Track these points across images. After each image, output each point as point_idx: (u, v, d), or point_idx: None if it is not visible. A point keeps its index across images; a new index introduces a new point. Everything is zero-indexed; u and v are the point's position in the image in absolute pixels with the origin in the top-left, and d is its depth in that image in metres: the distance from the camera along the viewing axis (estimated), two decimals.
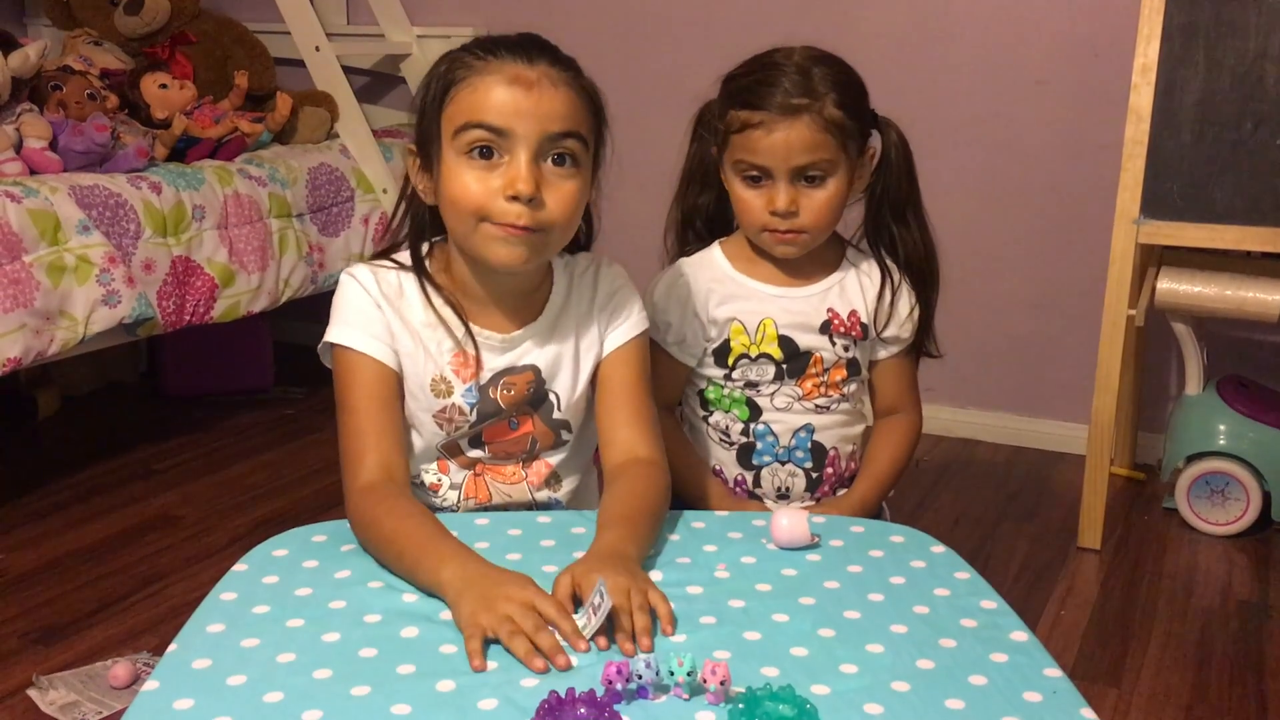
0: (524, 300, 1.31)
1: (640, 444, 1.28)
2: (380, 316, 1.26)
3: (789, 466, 1.50)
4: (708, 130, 1.49)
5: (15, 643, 1.89)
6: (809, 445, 1.49)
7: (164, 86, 2.75)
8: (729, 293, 1.48)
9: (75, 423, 2.95)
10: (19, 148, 2.38)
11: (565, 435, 1.36)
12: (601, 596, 0.97)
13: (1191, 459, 2.38)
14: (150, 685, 0.92)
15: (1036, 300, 2.78)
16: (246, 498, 2.49)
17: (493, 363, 1.30)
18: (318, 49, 2.94)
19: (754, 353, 1.47)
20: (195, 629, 1.01)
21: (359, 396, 1.24)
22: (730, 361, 1.48)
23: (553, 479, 1.37)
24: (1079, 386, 2.59)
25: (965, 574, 1.15)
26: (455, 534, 1.13)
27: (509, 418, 1.32)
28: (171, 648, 0.98)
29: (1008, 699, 0.92)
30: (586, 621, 0.98)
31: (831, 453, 1.51)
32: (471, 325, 1.28)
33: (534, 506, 1.36)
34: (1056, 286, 2.75)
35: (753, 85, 1.41)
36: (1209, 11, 2.10)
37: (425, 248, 1.32)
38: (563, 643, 0.97)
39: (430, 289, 1.28)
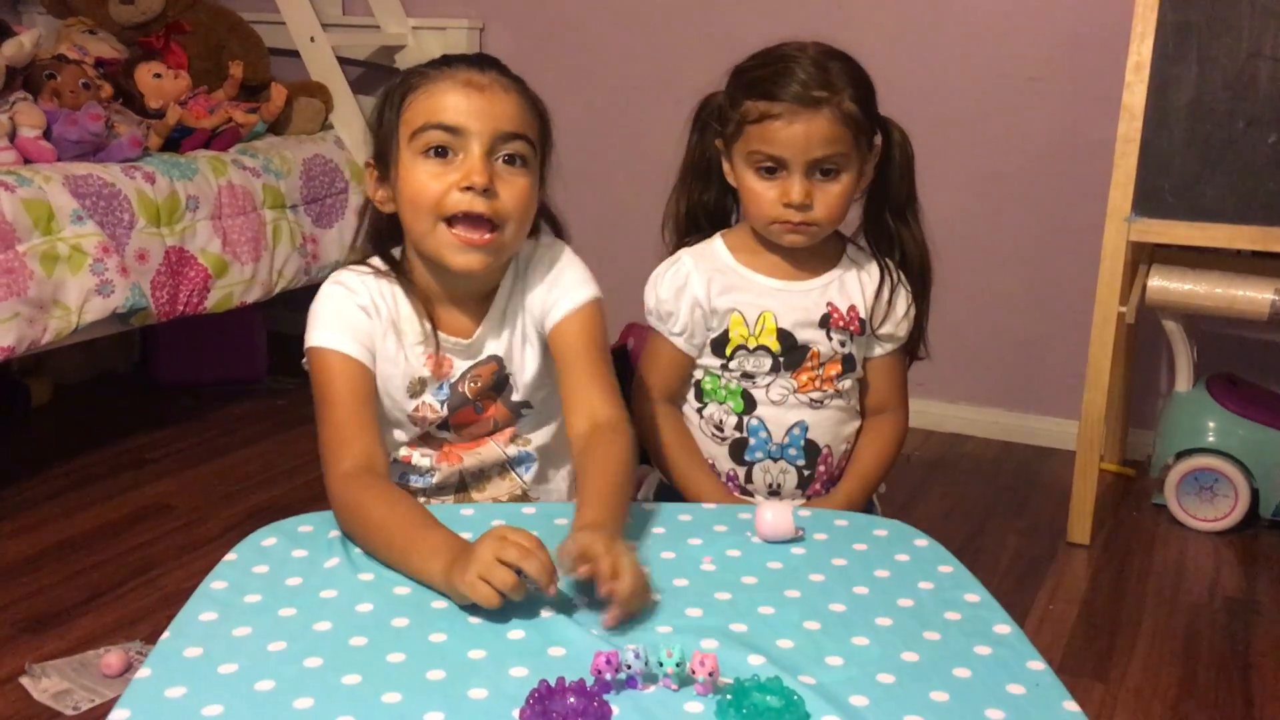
0: (483, 295, 1.36)
1: (600, 406, 1.29)
2: (365, 321, 1.30)
3: (781, 463, 1.50)
4: (712, 123, 1.49)
5: (8, 631, 1.89)
6: (802, 443, 1.50)
7: (158, 76, 2.75)
8: (730, 283, 1.48)
9: (68, 411, 2.95)
10: (13, 136, 2.38)
11: (525, 412, 1.40)
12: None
13: (1181, 455, 2.39)
14: (143, 673, 0.93)
15: (1028, 296, 2.79)
16: (239, 487, 2.50)
17: (459, 363, 1.35)
18: (313, 39, 2.94)
19: (752, 344, 1.47)
20: (187, 618, 1.02)
21: (339, 390, 1.27)
22: (728, 352, 1.48)
23: (518, 438, 1.41)
24: (1070, 383, 2.60)
25: (949, 567, 1.15)
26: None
27: (475, 404, 1.37)
28: (164, 636, 0.99)
29: (991, 691, 0.93)
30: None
31: (824, 450, 1.51)
32: (439, 333, 1.33)
33: (507, 462, 1.40)
34: (1048, 283, 2.76)
35: (770, 76, 1.41)
36: (1202, 10, 2.11)
37: (396, 253, 1.36)
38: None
39: (410, 294, 1.32)
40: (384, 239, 1.38)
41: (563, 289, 1.35)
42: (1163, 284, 2.25)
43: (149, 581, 2.08)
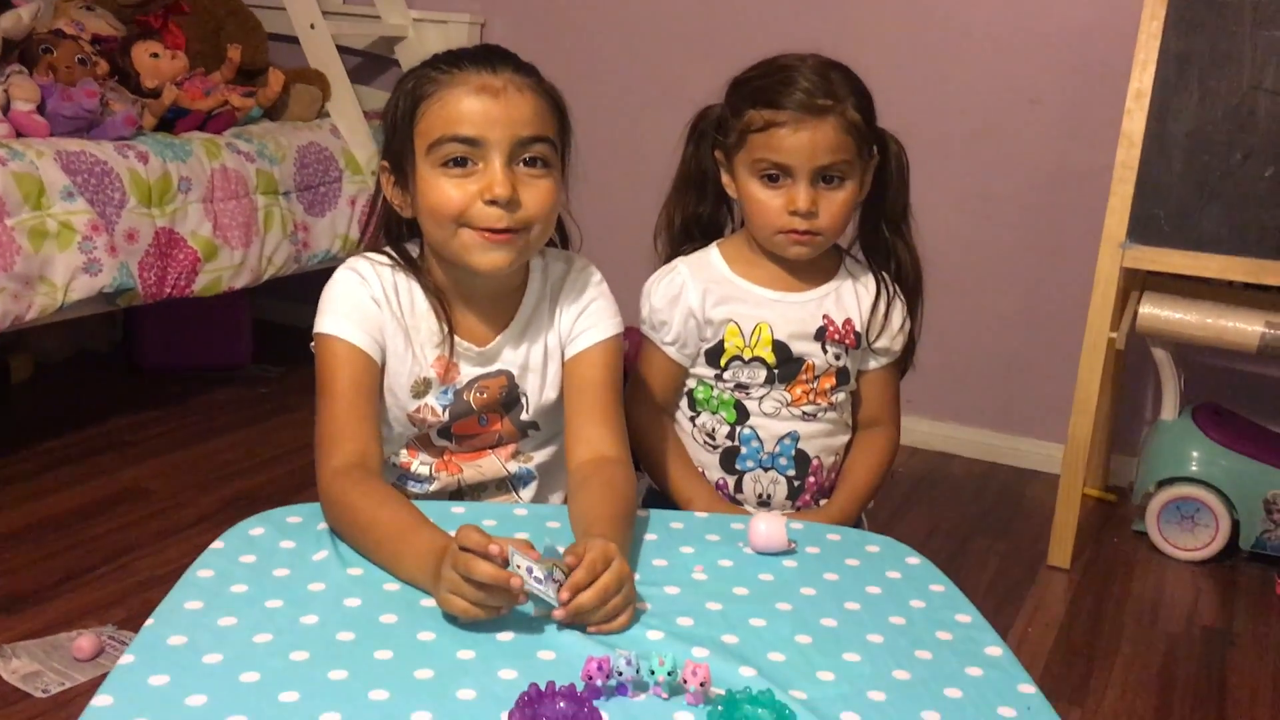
0: (500, 302, 1.33)
1: (608, 442, 1.28)
2: (376, 313, 1.28)
3: (771, 473, 1.50)
4: (709, 135, 1.49)
5: None
6: (793, 453, 1.50)
7: (155, 56, 2.72)
8: (726, 294, 1.48)
9: (48, 391, 2.92)
10: (6, 109, 2.35)
11: (532, 433, 1.38)
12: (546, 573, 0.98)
13: (1163, 484, 2.39)
14: (126, 659, 0.92)
15: (1019, 318, 2.80)
16: (218, 474, 2.48)
17: (468, 370, 1.33)
18: (313, 26, 2.92)
19: (747, 355, 1.47)
20: (172, 605, 1.00)
21: (342, 381, 1.24)
22: (722, 363, 1.48)
23: (520, 454, 1.40)
24: (1056, 406, 2.61)
25: (941, 586, 1.15)
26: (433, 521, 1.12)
27: (479, 415, 1.35)
28: (148, 623, 0.97)
29: (982, 713, 0.92)
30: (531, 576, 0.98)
31: (815, 462, 1.51)
32: (454, 336, 1.31)
33: (508, 478, 1.39)
34: (1040, 306, 2.77)
35: (773, 85, 1.41)
36: (1205, 42, 2.11)
37: (416, 251, 1.34)
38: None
39: (427, 292, 1.30)
40: (396, 235, 1.35)
41: (591, 319, 1.33)
42: (1154, 312, 2.26)
43: (123, 566, 2.05)
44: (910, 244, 1.53)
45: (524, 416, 1.36)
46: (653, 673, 0.89)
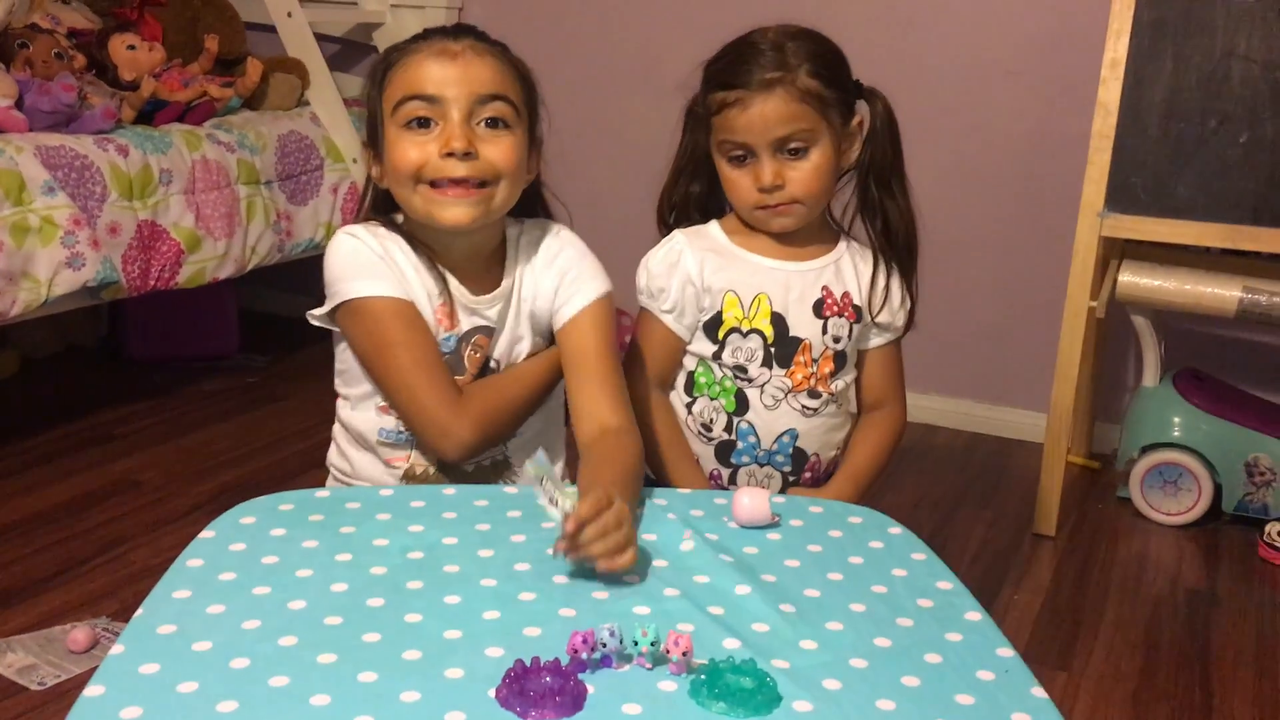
0: (483, 267, 1.36)
1: (609, 412, 1.30)
2: (388, 267, 1.31)
3: (767, 469, 1.50)
4: (696, 121, 1.49)
5: None
6: (790, 451, 1.49)
7: (132, 48, 2.71)
8: (724, 263, 1.47)
9: (35, 385, 2.93)
10: None
11: None
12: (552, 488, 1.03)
13: (1146, 450, 2.42)
14: (116, 650, 0.93)
15: (1000, 289, 2.81)
16: (208, 464, 2.48)
17: (466, 319, 1.35)
18: (290, 14, 2.92)
19: (745, 327, 1.46)
20: (161, 595, 1.01)
21: (410, 331, 1.29)
22: (720, 335, 1.47)
23: None
24: (1039, 376, 2.63)
25: (922, 555, 1.17)
26: (422, 503, 1.13)
27: (472, 377, 1.37)
28: (138, 613, 0.98)
29: (961, 677, 0.94)
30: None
31: (813, 459, 1.51)
32: (449, 277, 1.34)
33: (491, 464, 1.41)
34: (1020, 276, 2.78)
35: (729, 66, 1.42)
36: (1178, 9, 2.12)
37: (400, 219, 1.37)
38: None
39: (417, 250, 1.33)
40: (383, 212, 1.39)
41: (574, 284, 1.35)
42: (1133, 279, 2.28)
43: (116, 558, 2.06)
44: (902, 204, 1.51)
45: None
46: (636, 644, 0.91)
